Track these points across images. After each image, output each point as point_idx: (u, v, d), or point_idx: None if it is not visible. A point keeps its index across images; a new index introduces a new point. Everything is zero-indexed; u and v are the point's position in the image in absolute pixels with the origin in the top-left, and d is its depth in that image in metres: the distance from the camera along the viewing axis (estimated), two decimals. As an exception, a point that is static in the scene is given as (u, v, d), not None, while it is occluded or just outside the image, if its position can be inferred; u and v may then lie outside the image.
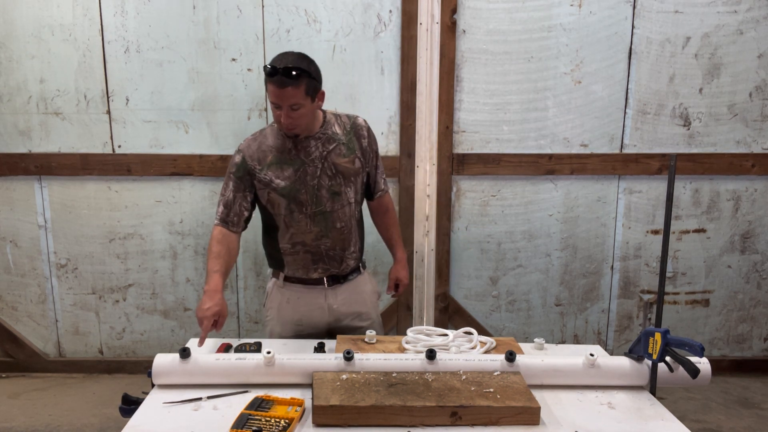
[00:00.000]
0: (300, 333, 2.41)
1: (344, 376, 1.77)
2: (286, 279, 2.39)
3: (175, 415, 1.69)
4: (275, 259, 2.40)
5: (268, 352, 1.82)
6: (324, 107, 2.31)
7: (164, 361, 1.84)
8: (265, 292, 2.51)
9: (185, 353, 1.83)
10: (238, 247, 2.34)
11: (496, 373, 1.82)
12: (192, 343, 2.15)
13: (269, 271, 2.51)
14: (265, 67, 2.07)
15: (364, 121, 2.38)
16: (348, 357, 1.84)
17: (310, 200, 2.25)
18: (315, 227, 2.28)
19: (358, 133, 2.33)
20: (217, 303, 2.07)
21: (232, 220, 2.27)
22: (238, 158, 2.27)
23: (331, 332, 2.43)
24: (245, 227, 2.34)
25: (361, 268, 2.47)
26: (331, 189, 2.27)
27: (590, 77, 3.53)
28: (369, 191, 2.47)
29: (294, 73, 2.04)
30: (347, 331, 2.41)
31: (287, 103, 2.09)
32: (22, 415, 3.31)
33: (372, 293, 2.52)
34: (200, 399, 1.76)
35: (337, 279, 2.39)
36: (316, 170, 2.25)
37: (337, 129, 2.30)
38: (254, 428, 1.56)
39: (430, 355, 1.85)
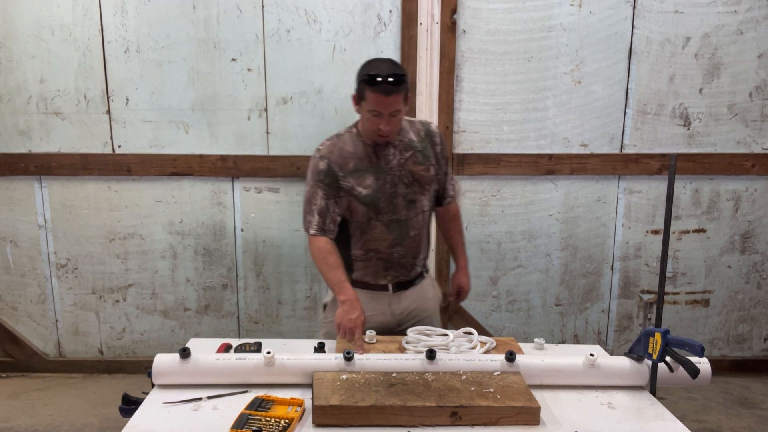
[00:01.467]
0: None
1: (344, 376, 1.77)
2: (352, 284, 2.30)
3: (175, 415, 1.69)
4: (345, 263, 2.31)
5: (268, 352, 1.82)
6: (321, 107, 2.30)
7: (164, 361, 1.84)
8: (326, 291, 2.46)
9: (185, 353, 1.83)
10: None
11: (496, 373, 1.82)
12: (192, 343, 2.15)
13: None
14: (366, 75, 2.06)
15: (437, 127, 2.37)
16: (348, 357, 1.83)
17: (386, 208, 2.24)
18: (390, 235, 2.26)
19: (433, 140, 2.31)
20: (362, 311, 2.09)
21: (328, 227, 2.24)
22: (323, 165, 2.24)
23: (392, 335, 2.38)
24: (337, 231, 2.29)
25: (424, 273, 2.45)
26: (407, 197, 2.25)
27: (590, 77, 3.53)
28: (438, 198, 2.43)
29: (398, 80, 2.04)
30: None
31: (390, 110, 2.08)
32: (22, 415, 3.31)
33: (434, 297, 2.50)
34: (200, 399, 1.76)
35: (403, 285, 2.36)
36: (394, 178, 2.24)
37: (413, 136, 2.29)
38: (254, 428, 1.56)
39: (430, 355, 1.85)
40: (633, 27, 3.48)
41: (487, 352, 2.06)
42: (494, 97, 3.54)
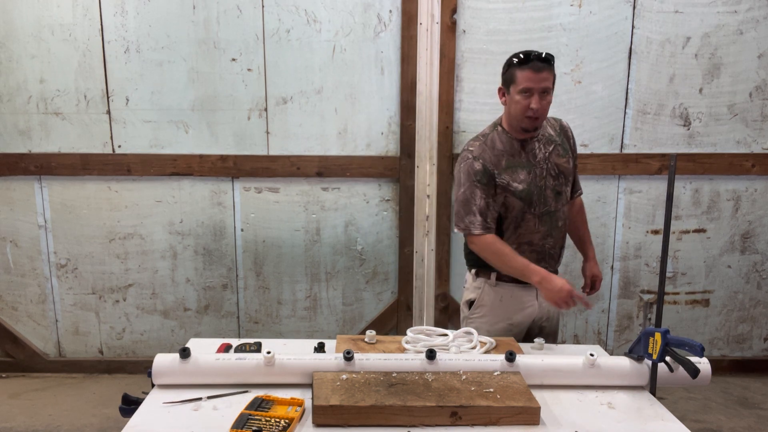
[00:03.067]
0: (509, 332, 2.40)
1: (344, 376, 1.77)
2: (499, 278, 2.39)
3: (175, 415, 1.69)
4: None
5: (268, 352, 1.82)
6: (321, 107, 2.31)
7: (164, 361, 1.84)
8: (468, 288, 2.50)
9: (185, 353, 1.83)
10: None
11: (496, 373, 1.82)
12: (192, 343, 2.15)
13: (472, 271, 2.48)
14: (516, 57, 2.19)
15: (567, 123, 2.46)
16: (348, 357, 1.83)
17: (538, 201, 2.31)
18: (542, 227, 2.34)
19: (567, 134, 2.42)
20: (560, 278, 2.19)
21: (490, 225, 2.30)
22: (478, 165, 2.29)
23: (540, 328, 2.46)
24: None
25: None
26: (555, 189, 2.33)
27: (590, 77, 3.53)
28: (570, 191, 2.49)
29: (548, 58, 2.18)
30: (549, 327, 2.48)
31: (541, 86, 2.17)
32: (22, 415, 3.31)
33: None
34: (200, 399, 1.76)
35: None
36: (543, 171, 2.31)
37: (551, 130, 2.38)
38: (254, 428, 1.56)
39: (430, 355, 1.85)
40: (633, 27, 3.48)
41: (487, 352, 2.06)
42: (494, 97, 3.48)
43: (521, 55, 2.18)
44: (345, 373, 1.80)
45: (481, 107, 3.54)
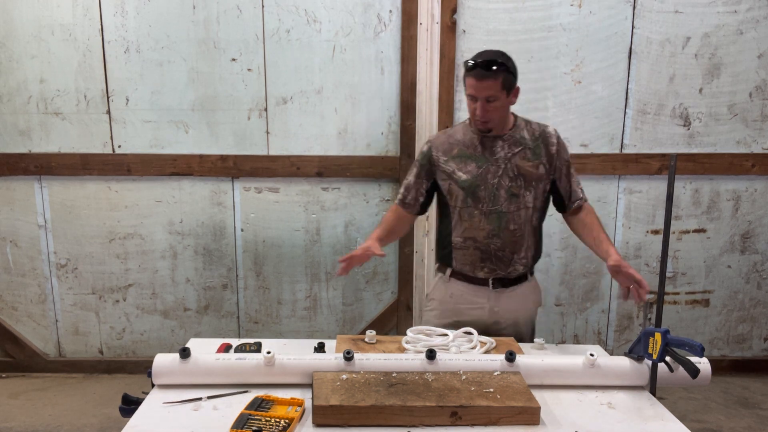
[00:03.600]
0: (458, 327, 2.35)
1: (344, 376, 1.77)
2: (453, 275, 2.41)
3: (175, 415, 1.69)
4: (446, 251, 2.42)
5: (268, 352, 1.82)
6: (321, 107, 2.32)
7: (164, 361, 1.84)
8: (429, 284, 2.56)
9: (185, 353, 1.83)
10: (410, 224, 2.54)
11: (496, 373, 1.81)
12: (192, 343, 2.15)
13: (436, 265, 2.53)
14: (465, 62, 2.19)
15: (555, 130, 2.39)
16: (348, 357, 1.83)
17: (487, 197, 2.29)
18: (488, 225, 2.30)
19: (547, 141, 2.34)
20: (368, 242, 2.29)
21: (409, 202, 2.42)
22: (425, 147, 2.40)
23: (487, 333, 2.34)
24: (420, 212, 2.46)
25: (528, 276, 2.42)
26: (510, 190, 2.29)
27: (590, 77, 3.53)
28: (561, 202, 2.41)
29: (493, 66, 2.14)
30: (502, 335, 2.34)
31: (483, 95, 2.16)
32: (22, 415, 3.31)
33: (534, 302, 2.47)
34: (200, 399, 1.76)
35: (503, 282, 2.36)
36: (498, 170, 2.29)
37: (526, 134, 2.33)
38: (254, 428, 1.56)
39: (430, 355, 1.85)
40: (633, 27, 3.48)
41: (487, 352, 2.06)
42: (494, 97, 3.53)
43: (470, 61, 2.18)
44: (345, 373, 1.80)
45: (481, 107, 3.53)
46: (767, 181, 3.69)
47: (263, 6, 3.42)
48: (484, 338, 2.13)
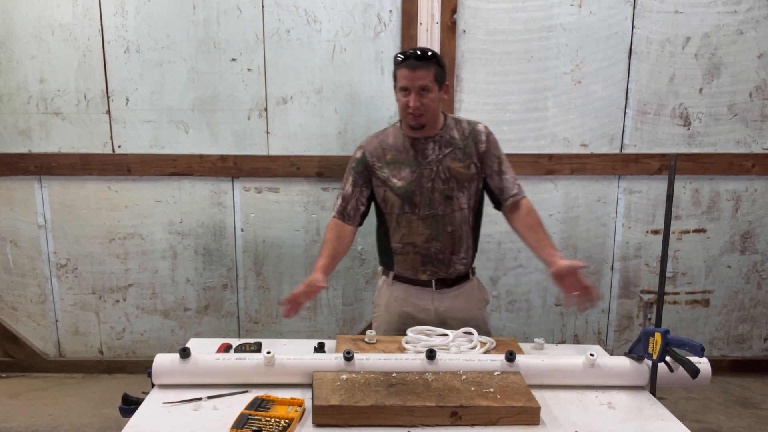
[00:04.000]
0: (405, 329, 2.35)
1: (344, 376, 1.77)
2: (395, 278, 2.41)
3: (175, 415, 1.69)
4: (386, 257, 2.43)
5: (268, 352, 1.82)
6: (321, 107, 2.32)
7: (164, 361, 1.84)
8: (375, 289, 2.54)
9: (185, 353, 1.83)
10: (352, 239, 2.40)
11: (496, 373, 1.82)
12: (192, 343, 2.15)
13: (379, 269, 2.53)
14: (396, 56, 2.21)
15: (485, 127, 2.36)
16: (348, 357, 1.83)
17: (423, 202, 2.28)
18: (426, 230, 2.30)
19: (476, 138, 2.32)
20: (312, 277, 2.17)
21: (348, 213, 2.36)
22: (359, 154, 2.36)
23: None
24: (361, 222, 2.40)
25: (470, 275, 2.45)
26: (444, 193, 2.28)
27: (590, 77, 3.53)
28: (496, 199, 2.39)
29: (425, 56, 2.17)
30: None
31: (417, 85, 2.16)
32: (22, 415, 3.31)
33: (480, 300, 2.48)
34: (200, 399, 1.76)
35: (445, 283, 2.38)
36: (431, 173, 2.28)
37: (455, 133, 2.32)
38: (254, 428, 1.56)
39: (430, 355, 1.85)
40: (633, 27, 3.48)
41: (487, 352, 2.06)
42: (494, 97, 3.54)
43: (401, 53, 2.20)
44: (345, 373, 1.80)
45: (482, 107, 3.54)
46: (767, 181, 3.69)
47: (263, 6, 3.42)
48: (484, 338, 2.13)
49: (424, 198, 2.28)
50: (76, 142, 3.55)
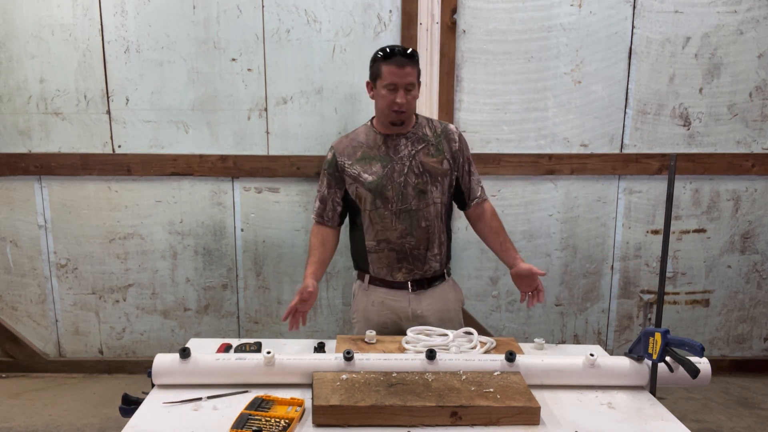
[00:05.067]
0: (386, 334, 2.38)
1: (344, 376, 1.77)
2: (371, 281, 2.41)
3: (175, 415, 1.69)
4: (361, 257, 2.43)
5: (268, 352, 1.82)
6: (321, 107, 2.31)
7: (164, 362, 1.84)
8: (351, 293, 2.55)
9: (185, 353, 1.83)
10: (336, 241, 2.47)
11: (496, 373, 1.82)
12: (192, 343, 2.15)
13: (354, 273, 2.53)
14: (381, 50, 2.23)
15: (456, 128, 2.42)
16: (348, 357, 1.84)
17: (395, 197, 2.30)
18: (400, 224, 2.31)
19: (449, 137, 2.37)
20: (304, 285, 2.20)
21: (327, 215, 2.42)
22: (330, 155, 2.39)
23: None
24: (341, 222, 2.46)
25: (445, 275, 2.46)
26: (417, 187, 2.30)
27: (590, 77, 3.53)
28: (463, 199, 2.46)
29: (411, 53, 2.22)
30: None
31: (405, 82, 2.20)
32: (22, 415, 3.31)
33: (456, 300, 2.49)
34: (200, 399, 1.76)
35: (421, 284, 2.38)
36: (404, 168, 2.30)
37: (428, 131, 2.36)
38: (254, 428, 1.56)
39: (430, 355, 1.85)
40: (633, 27, 3.48)
41: (487, 352, 2.06)
42: (494, 97, 3.54)
43: (387, 50, 2.21)
44: (345, 373, 1.80)
45: (481, 107, 3.54)
46: (767, 181, 3.69)
47: (263, 6, 3.42)
48: (483, 338, 2.13)
49: (396, 192, 2.29)
50: (76, 142, 3.55)
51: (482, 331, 3.52)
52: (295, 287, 3.72)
